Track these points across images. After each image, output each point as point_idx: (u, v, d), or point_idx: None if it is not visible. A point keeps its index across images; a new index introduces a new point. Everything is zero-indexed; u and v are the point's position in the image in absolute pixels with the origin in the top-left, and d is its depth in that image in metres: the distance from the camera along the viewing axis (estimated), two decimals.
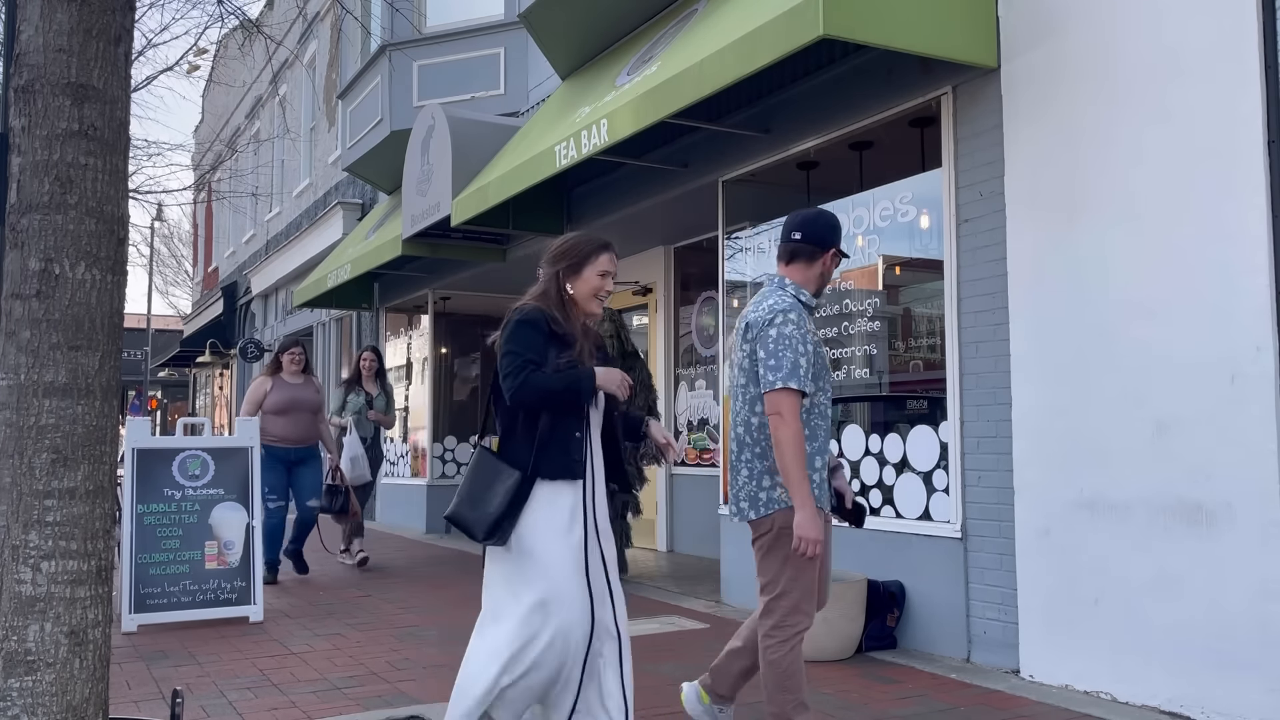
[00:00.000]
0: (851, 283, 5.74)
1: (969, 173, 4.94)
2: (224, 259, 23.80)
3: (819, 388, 3.26)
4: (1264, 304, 3.72)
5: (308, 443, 7.79)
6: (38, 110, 2.61)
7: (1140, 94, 4.17)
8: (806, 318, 3.26)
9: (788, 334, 3.16)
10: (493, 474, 3.09)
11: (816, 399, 3.26)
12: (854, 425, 5.67)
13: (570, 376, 3.08)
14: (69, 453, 2.59)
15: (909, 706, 4.13)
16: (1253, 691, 3.71)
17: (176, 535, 6.07)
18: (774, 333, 3.18)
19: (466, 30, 10.13)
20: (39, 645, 2.54)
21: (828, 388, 3.31)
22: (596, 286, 3.22)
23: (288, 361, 7.80)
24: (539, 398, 3.04)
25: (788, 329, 3.17)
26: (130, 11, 2.76)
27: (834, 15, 4.38)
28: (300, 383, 7.80)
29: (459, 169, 8.45)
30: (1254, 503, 3.71)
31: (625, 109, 5.79)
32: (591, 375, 3.09)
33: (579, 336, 3.19)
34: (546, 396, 3.05)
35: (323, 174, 15.74)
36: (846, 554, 5.56)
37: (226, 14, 6.38)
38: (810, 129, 5.89)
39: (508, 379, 3.05)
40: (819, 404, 3.27)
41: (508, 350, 3.09)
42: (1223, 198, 3.86)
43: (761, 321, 3.23)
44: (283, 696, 4.39)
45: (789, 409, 3.12)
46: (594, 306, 3.25)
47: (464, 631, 5.77)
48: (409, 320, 12.91)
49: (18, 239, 2.61)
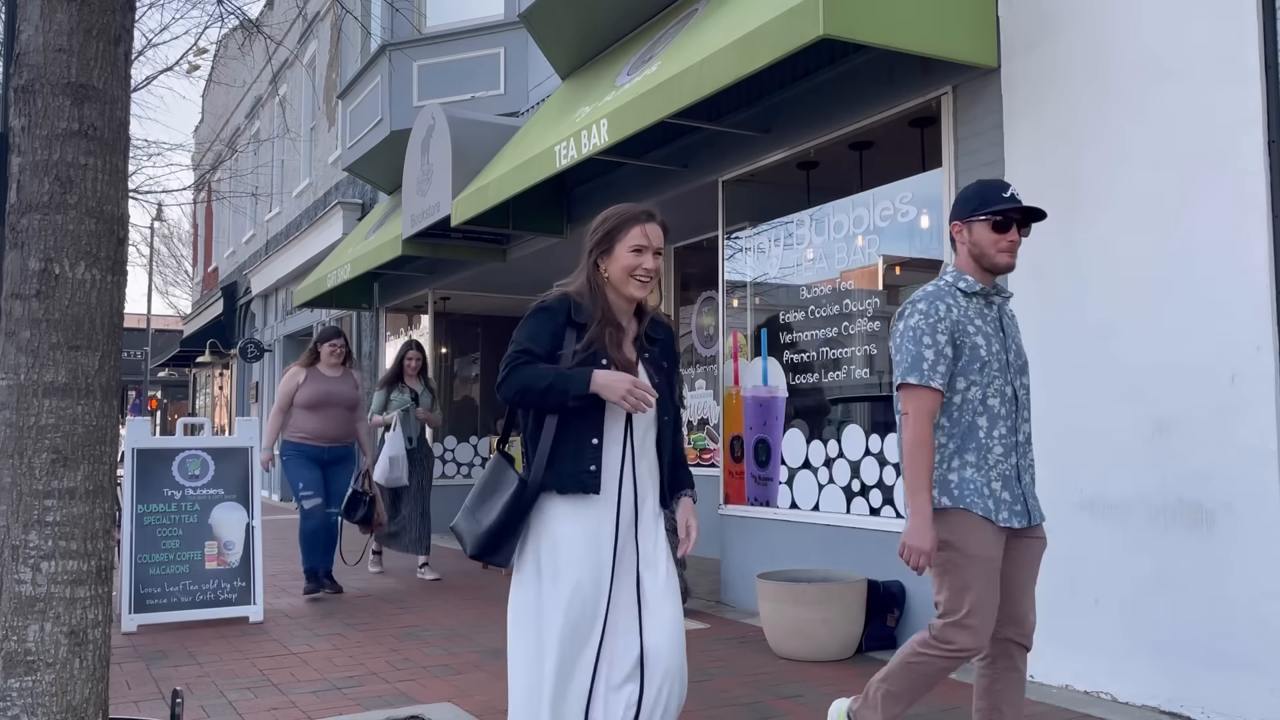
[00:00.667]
0: (851, 283, 5.74)
1: (969, 173, 4.94)
2: (224, 259, 23.80)
3: (973, 381, 2.89)
4: (1264, 304, 3.72)
5: (342, 442, 7.10)
6: (38, 110, 2.61)
7: (1141, 94, 4.17)
8: (958, 305, 2.90)
9: (912, 325, 2.89)
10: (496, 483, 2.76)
11: (969, 394, 2.89)
12: (854, 425, 5.67)
13: (558, 374, 2.65)
14: (69, 453, 2.59)
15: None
16: (1253, 691, 3.71)
17: (176, 535, 6.07)
18: (900, 325, 2.94)
19: (466, 30, 10.13)
20: (39, 645, 2.54)
21: (996, 379, 2.91)
22: (631, 265, 2.73)
23: (327, 353, 7.10)
24: (516, 394, 2.66)
25: (913, 319, 2.89)
26: (130, 11, 2.76)
27: (834, 15, 4.38)
28: (337, 376, 7.11)
29: (459, 169, 8.45)
30: (1254, 503, 3.71)
31: (625, 109, 5.79)
32: (585, 377, 2.64)
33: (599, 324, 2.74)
34: (524, 393, 2.65)
35: (323, 174, 15.74)
36: (847, 554, 5.56)
37: (226, 14, 6.38)
38: (810, 129, 5.89)
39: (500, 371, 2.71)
40: (970, 399, 2.89)
41: (511, 340, 2.75)
42: (1223, 197, 3.86)
43: (895, 316, 3.02)
44: (283, 696, 4.39)
45: (914, 407, 2.84)
46: (634, 289, 2.75)
47: (464, 631, 5.77)
48: (409, 320, 12.92)
49: (18, 239, 2.60)
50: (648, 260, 2.75)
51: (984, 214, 2.91)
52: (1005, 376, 2.93)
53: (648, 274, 2.75)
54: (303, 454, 6.94)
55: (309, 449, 6.96)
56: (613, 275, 2.76)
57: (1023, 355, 3.01)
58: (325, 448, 7.01)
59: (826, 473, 5.80)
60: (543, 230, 8.76)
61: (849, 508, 5.62)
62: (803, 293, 6.06)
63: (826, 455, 5.81)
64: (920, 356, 2.85)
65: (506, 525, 2.69)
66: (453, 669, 4.87)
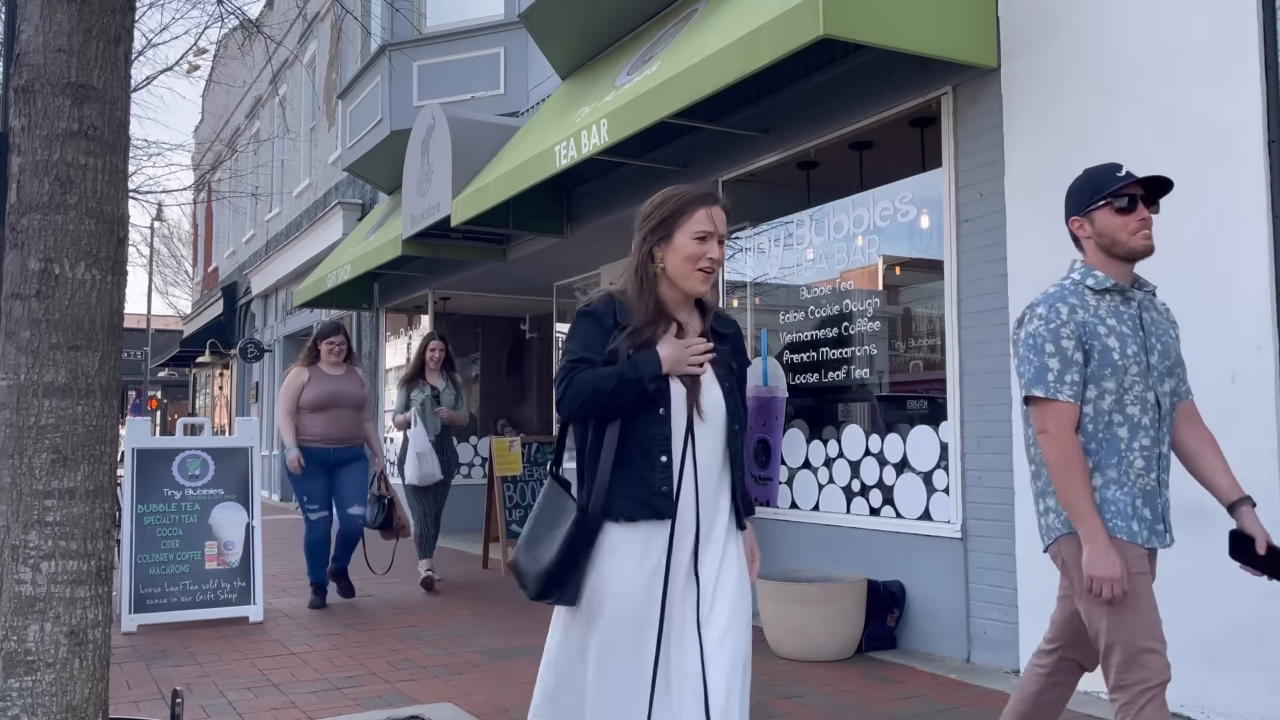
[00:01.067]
0: (851, 283, 5.74)
1: (969, 173, 4.94)
2: (224, 259, 23.80)
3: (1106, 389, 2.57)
4: (1264, 304, 3.72)
5: (350, 442, 6.75)
6: (38, 110, 2.61)
7: (1141, 94, 4.17)
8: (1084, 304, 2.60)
9: (1031, 332, 2.60)
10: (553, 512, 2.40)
11: (1102, 403, 2.57)
12: (854, 425, 5.67)
13: (621, 365, 2.31)
14: (69, 453, 2.59)
15: (909, 706, 4.13)
16: (1253, 691, 3.71)
17: (176, 535, 6.07)
18: (1021, 334, 2.65)
19: (466, 30, 10.13)
20: (39, 645, 2.54)
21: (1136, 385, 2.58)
22: (695, 254, 2.38)
23: (326, 351, 6.77)
24: (583, 402, 2.31)
25: (1032, 325, 2.61)
26: (130, 11, 2.76)
27: (834, 15, 4.38)
28: (341, 374, 6.79)
29: (459, 169, 8.45)
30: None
31: (625, 109, 5.79)
32: (654, 356, 2.30)
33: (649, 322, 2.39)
34: (592, 397, 2.30)
35: (323, 174, 15.74)
36: (846, 554, 5.56)
37: (226, 14, 6.38)
38: (810, 129, 5.89)
39: (555, 386, 2.36)
40: (1104, 410, 2.58)
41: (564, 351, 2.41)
42: (1223, 197, 3.86)
43: (1015, 324, 2.72)
44: (283, 696, 4.39)
45: (1052, 422, 2.54)
46: (697, 283, 2.40)
47: (464, 631, 5.78)
48: (409, 320, 12.92)
49: (18, 239, 2.60)
50: (713, 248, 2.39)
51: (1103, 199, 2.64)
52: (1146, 381, 2.59)
53: (712, 264, 2.40)
54: (309, 460, 6.60)
55: (316, 452, 6.63)
56: (671, 267, 2.40)
57: (1171, 355, 2.66)
58: (332, 450, 6.66)
59: (826, 473, 5.80)
60: (543, 230, 8.76)
61: (849, 508, 5.62)
62: (803, 293, 6.06)
63: (826, 455, 5.81)
64: (1044, 367, 2.56)
65: (568, 560, 2.34)
66: (453, 669, 4.87)
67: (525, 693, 4.39)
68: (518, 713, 4.09)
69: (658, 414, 2.34)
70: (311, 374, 6.70)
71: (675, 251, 2.39)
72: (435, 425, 7.40)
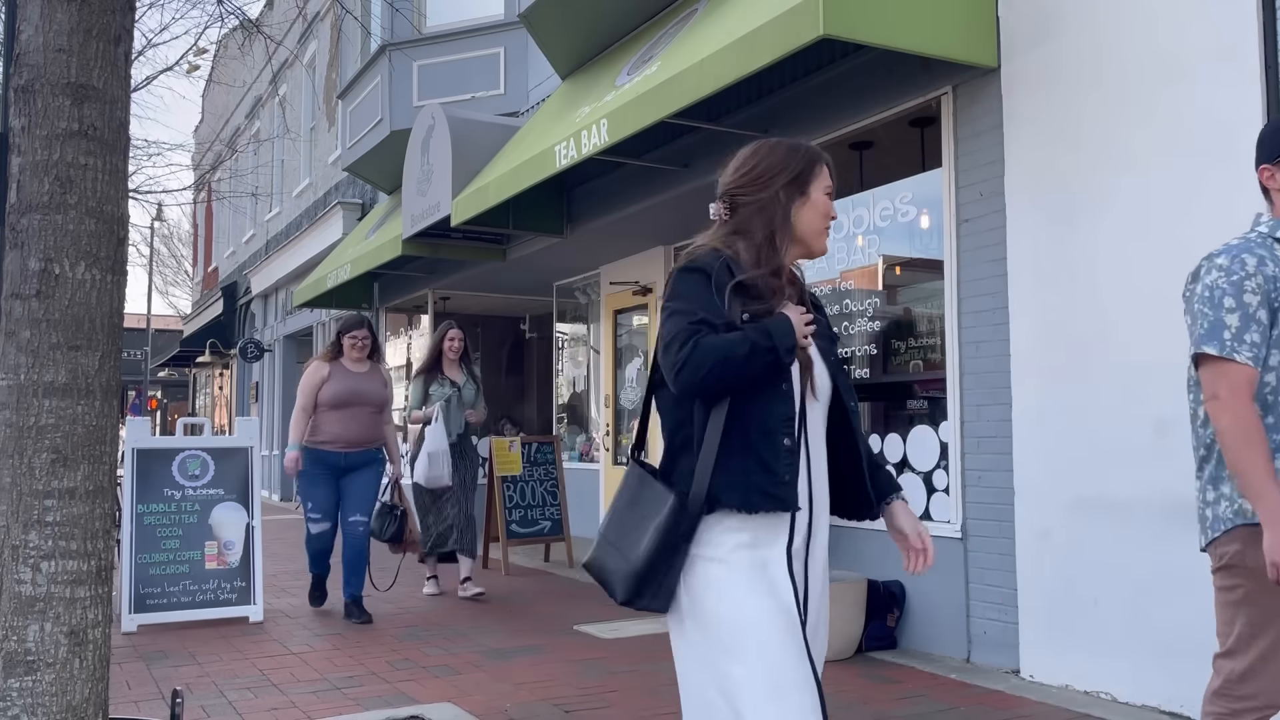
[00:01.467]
0: (851, 283, 5.74)
1: (969, 173, 4.94)
2: (224, 259, 23.80)
3: None
4: None
5: (367, 445, 6.23)
6: (38, 110, 2.61)
7: (1141, 94, 4.17)
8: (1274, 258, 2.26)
9: (1209, 284, 2.25)
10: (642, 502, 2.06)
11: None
12: None
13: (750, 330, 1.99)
14: (69, 453, 2.59)
15: (909, 706, 4.13)
16: None
17: (176, 535, 6.07)
18: (1197, 287, 2.29)
19: (466, 30, 10.14)
20: (39, 645, 2.54)
21: None
22: (827, 210, 2.19)
23: (349, 346, 6.26)
24: (710, 371, 1.95)
25: (1210, 276, 2.26)
26: (130, 11, 2.76)
27: (834, 15, 4.38)
28: (364, 371, 6.28)
29: (459, 169, 8.46)
30: None
31: (625, 109, 5.79)
32: (787, 325, 2.01)
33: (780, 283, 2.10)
34: (723, 366, 1.95)
35: (323, 174, 15.74)
36: (846, 554, 5.56)
37: (226, 14, 6.38)
38: (810, 129, 5.88)
39: (668, 351, 1.99)
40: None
41: (669, 312, 2.05)
42: (1223, 197, 3.86)
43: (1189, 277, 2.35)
44: (283, 696, 4.39)
45: (1225, 385, 2.17)
46: (822, 242, 2.20)
47: (464, 631, 5.77)
48: (409, 320, 12.92)
49: (18, 239, 2.60)
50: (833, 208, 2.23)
51: None
52: None
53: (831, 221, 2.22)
54: (320, 463, 6.13)
55: (328, 456, 6.14)
56: (802, 223, 2.15)
57: None
58: (346, 453, 6.16)
59: None
60: (543, 230, 8.76)
61: None
62: None
63: None
64: (1220, 322, 2.20)
65: (661, 558, 1.99)
66: (453, 669, 4.87)
67: (525, 693, 4.39)
68: (518, 713, 4.09)
69: (781, 390, 2.03)
70: (332, 369, 6.22)
71: (812, 207, 2.17)
72: (459, 424, 6.97)
